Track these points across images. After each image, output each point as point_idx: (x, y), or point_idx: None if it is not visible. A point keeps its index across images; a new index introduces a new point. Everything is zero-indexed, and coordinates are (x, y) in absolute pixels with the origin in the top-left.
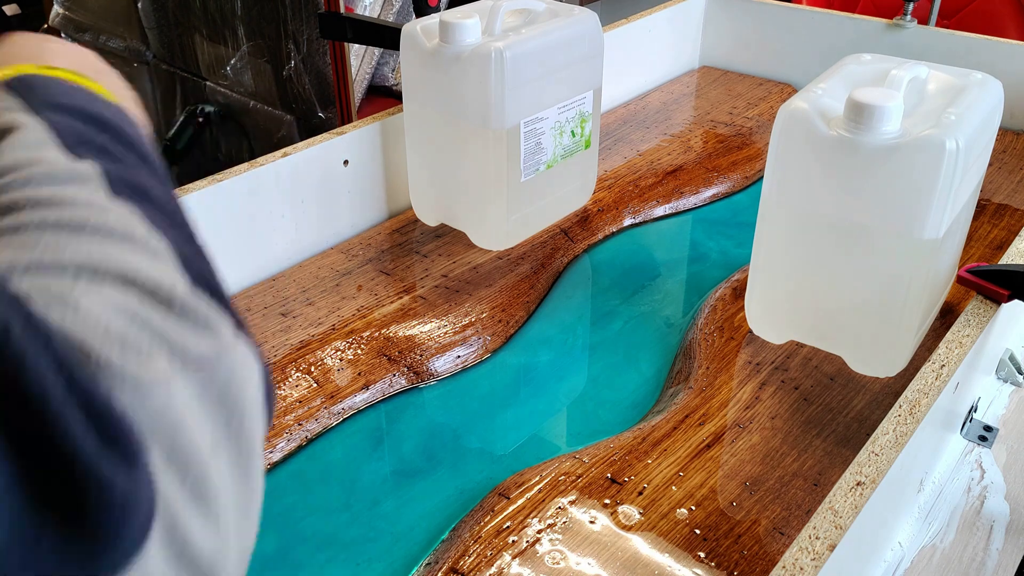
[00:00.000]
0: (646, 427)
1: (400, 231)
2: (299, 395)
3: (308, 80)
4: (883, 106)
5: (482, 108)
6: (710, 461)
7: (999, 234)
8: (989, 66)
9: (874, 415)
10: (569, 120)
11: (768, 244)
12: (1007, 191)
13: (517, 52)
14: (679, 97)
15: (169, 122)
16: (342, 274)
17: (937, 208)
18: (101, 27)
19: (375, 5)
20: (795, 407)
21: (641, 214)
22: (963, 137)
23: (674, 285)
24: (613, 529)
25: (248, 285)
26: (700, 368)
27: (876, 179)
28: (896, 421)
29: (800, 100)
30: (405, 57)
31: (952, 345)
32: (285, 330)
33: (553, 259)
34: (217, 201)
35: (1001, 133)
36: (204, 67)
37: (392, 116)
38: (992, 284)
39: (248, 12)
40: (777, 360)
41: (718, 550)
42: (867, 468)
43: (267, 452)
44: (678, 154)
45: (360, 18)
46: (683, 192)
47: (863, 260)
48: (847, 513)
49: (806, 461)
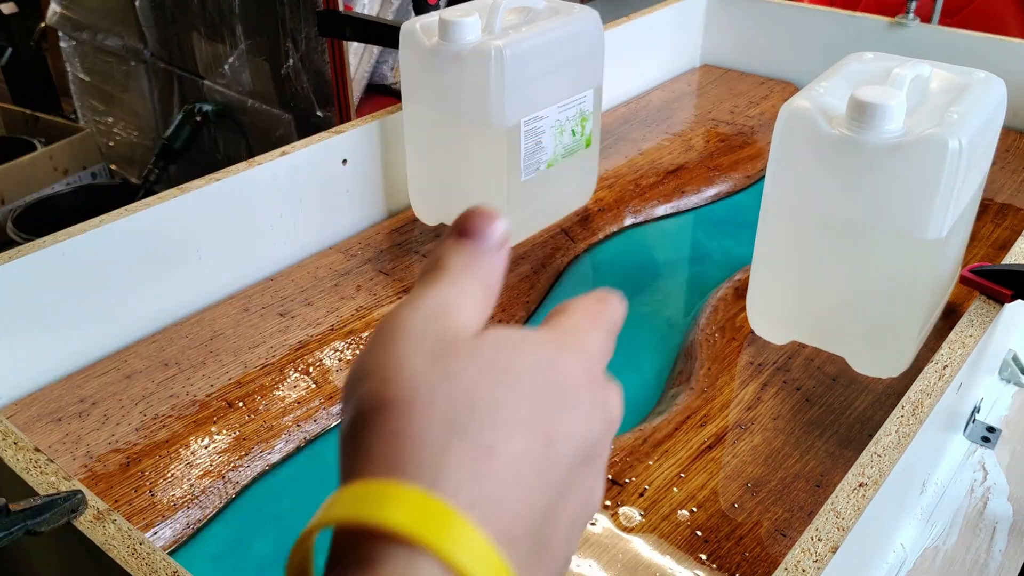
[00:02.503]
0: (647, 428)
1: (399, 231)
2: (297, 396)
3: (306, 79)
4: (885, 105)
5: (482, 107)
6: (711, 462)
7: (1002, 234)
8: (992, 65)
9: (876, 416)
10: (570, 119)
11: (770, 244)
12: (1010, 190)
13: (517, 50)
14: (680, 96)
15: (167, 121)
16: (341, 274)
17: (940, 207)
18: (99, 25)
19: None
20: (797, 408)
21: (642, 213)
22: (966, 136)
23: (675, 285)
24: (614, 531)
25: (246, 285)
26: (701, 369)
27: (879, 178)
28: (899, 422)
29: (802, 99)
30: (404, 55)
31: (955, 346)
32: (283, 330)
33: (553, 259)
34: (215, 200)
35: (1004, 132)
36: (202, 66)
37: (391, 115)
38: (995, 284)
39: (246, 10)
40: (779, 361)
41: (720, 552)
42: (869, 469)
43: (265, 453)
44: (679, 153)
45: (359, 16)
46: (684, 191)
47: (865, 260)
48: (849, 514)
49: (808, 462)
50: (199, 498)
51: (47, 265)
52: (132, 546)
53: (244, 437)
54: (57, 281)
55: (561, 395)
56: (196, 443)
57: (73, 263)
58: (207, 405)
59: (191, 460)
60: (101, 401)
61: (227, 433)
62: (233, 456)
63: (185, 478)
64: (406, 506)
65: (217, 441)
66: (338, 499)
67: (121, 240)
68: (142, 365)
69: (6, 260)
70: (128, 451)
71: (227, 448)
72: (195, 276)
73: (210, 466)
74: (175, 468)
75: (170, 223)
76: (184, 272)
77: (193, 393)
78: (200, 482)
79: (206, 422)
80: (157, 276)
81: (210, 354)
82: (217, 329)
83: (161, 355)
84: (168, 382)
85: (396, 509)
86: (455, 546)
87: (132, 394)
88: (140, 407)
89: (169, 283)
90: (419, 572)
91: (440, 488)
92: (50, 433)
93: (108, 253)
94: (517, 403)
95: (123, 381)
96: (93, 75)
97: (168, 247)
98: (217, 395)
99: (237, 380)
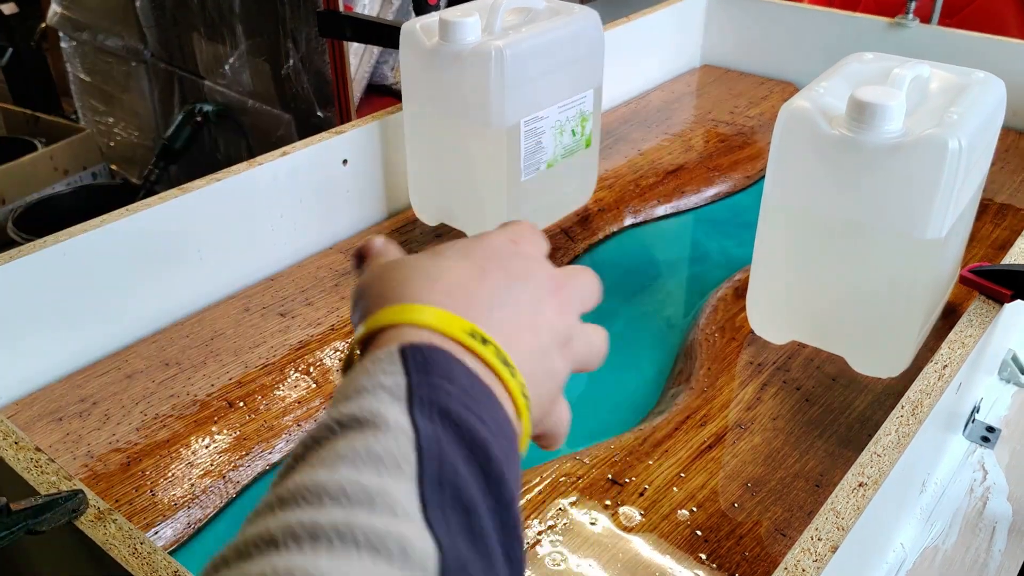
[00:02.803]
0: (647, 428)
1: (399, 231)
2: (298, 396)
3: (307, 79)
4: (885, 105)
5: (482, 107)
6: (711, 462)
7: (1002, 234)
8: (992, 65)
9: (876, 416)
10: (570, 119)
11: (769, 244)
12: (1010, 190)
13: (517, 51)
14: (680, 96)
15: (167, 121)
16: (341, 274)
17: (940, 207)
18: (99, 26)
19: (374, 3)
20: (797, 408)
21: (642, 214)
22: (966, 136)
23: (675, 285)
24: (614, 531)
25: (246, 285)
26: (701, 369)
27: (878, 178)
28: (898, 422)
29: (802, 99)
30: (404, 56)
31: (954, 345)
32: (284, 330)
33: (553, 259)
34: (215, 201)
35: (1004, 132)
36: (202, 66)
37: (391, 115)
38: (995, 284)
39: (246, 11)
40: (779, 361)
41: (719, 551)
42: (869, 469)
43: (266, 453)
44: (679, 153)
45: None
46: (684, 192)
47: (865, 260)
48: (849, 514)
49: (808, 462)
50: (200, 498)
51: (47, 265)
52: (133, 546)
53: (245, 437)
54: (57, 281)
55: (480, 246)
56: (197, 443)
57: (73, 263)
58: (208, 405)
59: (192, 460)
60: (102, 401)
61: (228, 433)
62: (234, 456)
63: (186, 478)
64: (391, 311)
65: (218, 441)
66: (359, 328)
67: (121, 240)
68: (143, 365)
69: (6, 260)
70: (129, 451)
71: (228, 448)
72: (196, 276)
73: (211, 466)
74: (176, 468)
75: (171, 223)
76: (185, 272)
77: (194, 393)
78: (201, 482)
79: (207, 422)
80: (157, 276)
81: (211, 354)
82: (218, 329)
83: (162, 355)
84: (169, 382)
85: (377, 318)
86: (417, 315)
87: (133, 394)
88: (141, 407)
89: (169, 283)
90: (404, 332)
91: (409, 299)
92: (51, 433)
93: (108, 253)
94: (452, 255)
95: (124, 381)
96: (93, 75)
97: (168, 247)
98: (218, 395)
99: (238, 380)
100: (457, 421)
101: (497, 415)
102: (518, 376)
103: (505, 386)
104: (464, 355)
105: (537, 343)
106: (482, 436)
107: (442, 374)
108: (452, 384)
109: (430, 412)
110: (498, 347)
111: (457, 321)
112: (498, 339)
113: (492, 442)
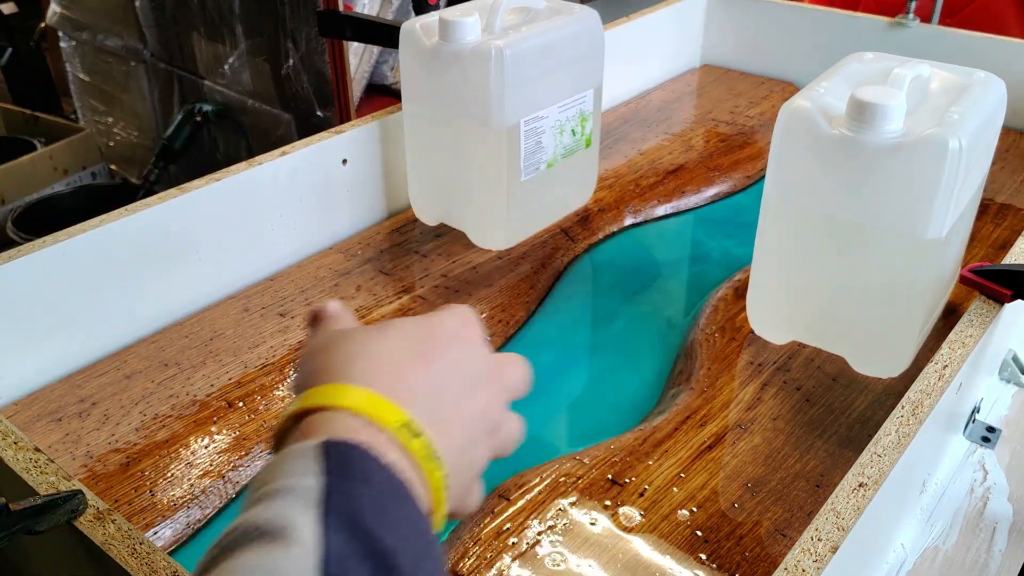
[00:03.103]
0: (647, 428)
1: (399, 231)
2: None
3: (306, 79)
4: (886, 105)
5: (482, 107)
6: (711, 462)
7: (1002, 234)
8: (992, 65)
9: (876, 416)
10: (570, 119)
11: (770, 244)
12: (1010, 190)
13: (517, 50)
14: (680, 96)
15: (167, 121)
16: (341, 274)
17: (940, 207)
18: (99, 26)
19: (374, 3)
20: (797, 408)
21: (642, 213)
22: (966, 136)
23: (675, 285)
24: (614, 531)
25: (246, 285)
26: (701, 369)
27: (878, 178)
28: (899, 422)
29: (802, 99)
30: (404, 55)
31: (955, 345)
32: (283, 330)
33: (553, 259)
34: (215, 200)
35: (1004, 132)
36: (202, 66)
37: (391, 115)
38: (995, 284)
39: (246, 10)
40: (779, 361)
41: (720, 552)
42: (869, 469)
43: (266, 453)
44: (679, 153)
45: (359, 16)
46: (684, 191)
47: (865, 260)
48: (849, 514)
49: (808, 462)
50: (199, 498)
51: (47, 265)
52: (132, 546)
53: (244, 437)
54: (57, 281)
55: (428, 328)
56: (196, 443)
57: (73, 263)
58: (207, 405)
59: (191, 460)
60: (101, 401)
61: (227, 433)
62: (233, 456)
63: (185, 478)
64: (328, 390)
65: (217, 441)
66: (296, 400)
67: (121, 240)
68: (142, 365)
69: (6, 260)
70: (128, 451)
71: (227, 448)
72: (195, 276)
73: (210, 466)
74: (175, 468)
75: (170, 223)
76: (184, 272)
77: (193, 393)
78: (200, 482)
79: (206, 422)
80: (157, 276)
81: (210, 354)
82: (217, 329)
83: (161, 355)
84: (168, 382)
85: (315, 395)
86: (351, 399)
87: (132, 394)
88: (140, 407)
89: (169, 283)
90: (333, 419)
91: (347, 379)
92: (50, 433)
93: (108, 253)
94: (397, 335)
95: (123, 381)
96: (93, 75)
97: (168, 247)
98: (217, 395)
99: (237, 380)
100: (367, 532)
101: (412, 514)
102: (444, 468)
103: (427, 479)
104: (390, 448)
105: (467, 434)
106: (390, 547)
107: (360, 477)
108: (368, 487)
109: (341, 522)
110: (429, 441)
111: (392, 412)
112: (431, 429)
113: (400, 551)
